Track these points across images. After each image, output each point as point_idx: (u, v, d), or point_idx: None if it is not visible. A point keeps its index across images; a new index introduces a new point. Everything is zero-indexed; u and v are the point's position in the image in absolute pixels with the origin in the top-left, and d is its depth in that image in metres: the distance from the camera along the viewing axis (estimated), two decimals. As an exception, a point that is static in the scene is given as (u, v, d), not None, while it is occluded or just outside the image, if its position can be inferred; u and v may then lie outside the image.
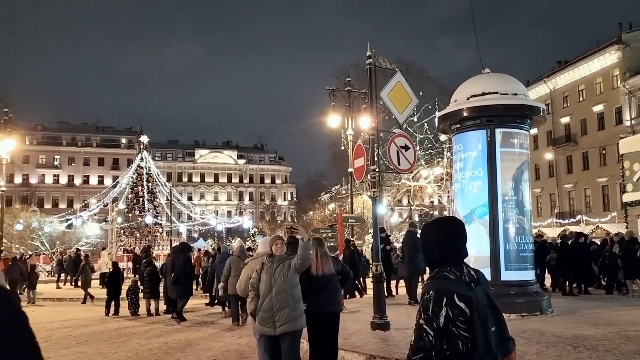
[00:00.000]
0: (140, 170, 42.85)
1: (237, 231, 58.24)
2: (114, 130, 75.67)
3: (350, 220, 13.44)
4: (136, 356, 7.92)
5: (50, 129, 71.49)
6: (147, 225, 41.40)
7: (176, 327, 11.04)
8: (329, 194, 60.31)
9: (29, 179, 67.49)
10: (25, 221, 40.01)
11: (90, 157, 72.24)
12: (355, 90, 17.81)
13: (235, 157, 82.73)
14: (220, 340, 9.22)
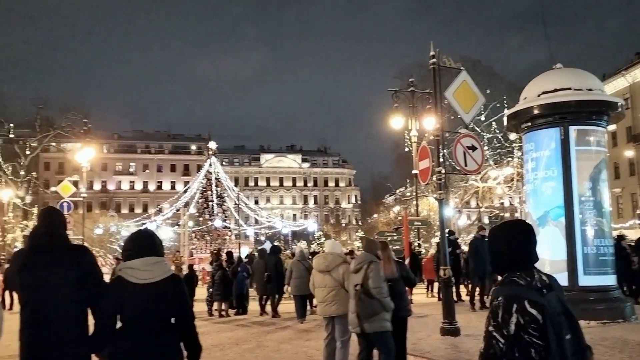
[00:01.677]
0: (209, 176, 44.37)
1: (302, 234, 58.93)
2: (185, 137, 78.72)
3: (416, 223, 13.25)
4: (209, 356, 8.16)
5: (126, 137, 75.43)
6: (217, 228, 42.78)
7: (246, 328, 11.30)
8: (394, 196, 59.77)
9: (107, 185, 71.50)
10: (104, 226, 42.49)
11: (162, 163, 75.59)
12: (419, 91, 17.56)
13: (299, 161, 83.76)
14: (290, 342, 9.34)
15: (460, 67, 8.67)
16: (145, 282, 3.06)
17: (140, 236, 3.31)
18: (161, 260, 3.24)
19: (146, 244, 3.23)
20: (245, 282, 14.61)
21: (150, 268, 3.10)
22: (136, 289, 3.05)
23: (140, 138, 76.09)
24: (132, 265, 3.13)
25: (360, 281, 5.26)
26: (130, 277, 3.08)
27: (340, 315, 6.10)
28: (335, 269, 6.14)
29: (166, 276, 3.14)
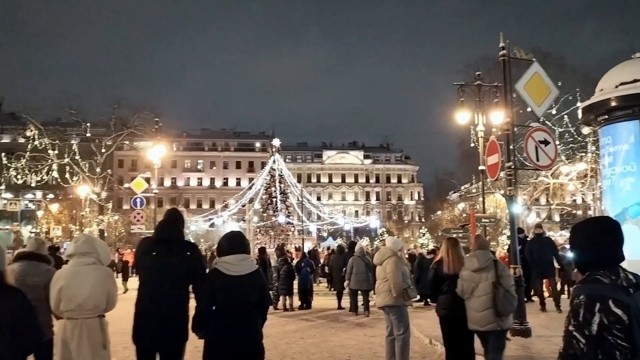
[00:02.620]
0: (273, 172, 45.15)
1: (364, 231, 58.75)
2: (249, 135, 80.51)
3: (483, 220, 12.88)
4: (275, 349, 8.34)
5: (194, 135, 78.10)
6: (280, 224, 43.50)
7: (310, 323, 11.45)
8: (458, 192, 58.38)
9: (177, 182, 74.35)
10: (174, 220, 44.14)
11: (228, 161, 77.72)
12: (486, 84, 17.04)
13: (361, 158, 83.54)
14: (354, 338, 9.38)
15: (531, 59, 8.33)
16: (236, 274, 3.82)
17: (233, 237, 4.07)
18: (248, 257, 3.99)
19: (237, 243, 4.00)
20: (309, 277, 14.79)
21: (240, 263, 3.87)
22: (228, 279, 3.81)
23: (208, 136, 78.57)
24: (227, 260, 3.87)
25: (494, 279, 5.26)
26: (224, 269, 3.85)
27: (391, 305, 6.41)
28: (385, 261, 6.51)
29: (252, 270, 3.90)
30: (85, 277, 4.11)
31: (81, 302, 4.04)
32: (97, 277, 4.16)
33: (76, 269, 4.17)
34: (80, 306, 4.04)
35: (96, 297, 4.10)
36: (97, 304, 4.11)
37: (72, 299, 4.04)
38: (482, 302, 5.25)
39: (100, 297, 4.13)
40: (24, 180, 31.63)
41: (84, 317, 4.07)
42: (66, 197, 42.15)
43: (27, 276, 4.72)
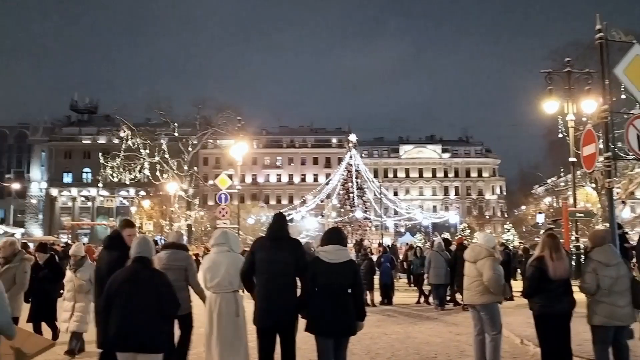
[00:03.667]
0: (349, 168, 45.28)
1: (443, 226, 57.47)
2: (326, 131, 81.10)
3: (577, 214, 12.16)
4: (359, 343, 8.36)
5: (273, 132, 79.85)
6: (358, 219, 43.56)
7: (392, 318, 11.37)
8: (544, 186, 55.58)
9: (257, 178, 76.49)
10: (255, 216, 45.58)
11: (306, 157, 78.80)
12: (577, 71, 16.12)
13: (439, 152, 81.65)
14: (439, 335, 9.20)
15: (632, 41, 7.72)
16: (333, 262, 4.68)
17: (332, 231, 5.20)
18: (345, 248, 4.85)
19: (335, 236, 4.97)
20: (390, 273, 14.69)
21: (337, 253, 4.75)
22: (326, 266, 4.67)
23: (286, 133, 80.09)
24: (325, 249, 4.79)
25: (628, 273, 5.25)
26: (324, 257, 4.73)
27: (484, 304, 6.21)
28: (479, 260, 6.26)
29: (347, 259, 4.80)
30: (221, 261, 5.37)
31: (219, 280, 5.30)
32: (230, 261, 5.37)
33: (215, 256, 5.46)
34: (219, 283, 5.30)
35: (230, 276, 5.28)
36: (231, 281, 5.30)
37: (212, 277, 5.33)
38: (625, 297, 5.11)
39: (233, 276, 5.26)
40: (119, 179, 33.77)
41: (222, 291, 5.31)
42: (157, 193, 44.57)
43: (171, 261, 5.92)
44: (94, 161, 41.73)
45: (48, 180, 73.92)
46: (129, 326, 4.11)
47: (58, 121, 78.53)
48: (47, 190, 73.49)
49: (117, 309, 4.17)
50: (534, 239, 31.24)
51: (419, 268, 14.66)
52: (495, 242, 6.99)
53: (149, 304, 4.17)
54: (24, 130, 76.14)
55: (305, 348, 5.70)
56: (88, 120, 78.65)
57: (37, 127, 75.51)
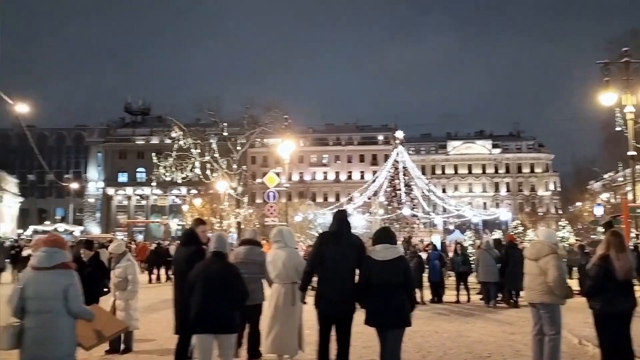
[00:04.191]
0: (396, 165, 44.90)
1: (494, 224, 56.08)
2: (372, 128, 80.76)
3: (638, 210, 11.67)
4: (410, 341, 8.35)
5: (319, 130, 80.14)
6: (405, 217, 43.16)
7: (443, 316, 11.27)
8: (601, 182, 53.35)
9: (304, 176, 77.00)
10: (302, 213, 45.96)
11: (352, 154, 78.74)
12: (635, 61, 15.44)
13: (489, 147, 79.73)
14: (492, 334, 9.04)
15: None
16: (384, 260, 5.04)
17: (382, 230, 5.62)
18: (394, 246, 5.19)
19: (384, 234, 5.36)
20: (439, 270, 14.51)
21: (386, 251, 5.10)
22: (378, 263, 5.05)
23: (332, 131, 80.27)
24: (376, 248, 5.15)
25: None
26: (374, 255, 5.11)
27: (545, 303, 6.02)
28: (542, 258, 6.04)
29: (397, 256, 5.14)
30: (279, 256, 6.08)
31: (278, 273, 6.04)
32: (286, 255, 6.08)
33: (275, 251, 6.18)
34: (278, 275, 6.04)
35: (286, 269, 5.98)
36: (288, 273, 5.97)
37: (273, 270, 6.10)
38: None
39: (289, 269, 5.97)
40: (171, 178, 34.69)
41: (282, 282, 6.03)
42: (207, 192, 45.58)
43: (248, 256, 6.59)
44: (148, 161, 43.06)
45: (104, 179, 77.04)
46: (206, 311, 4.85)
47: (113, 123, 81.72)
48: (104, 189, 76.59)
49: (197, 297, 4.91)
50: (590, 236, 30.07)
51: (461, 266, 14.47)
52: (557, 239, 6.79)
53: (223, 292, 4.90)
54: (81, 132, 79.67)
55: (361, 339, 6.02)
56: (141, 122, 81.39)
57: (94, 129, 78.87)
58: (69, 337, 4.08)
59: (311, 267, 5.58)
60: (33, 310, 3.99)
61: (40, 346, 3.95)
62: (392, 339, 5.08)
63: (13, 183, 64.30)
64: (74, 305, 4.05)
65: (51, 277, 4.04)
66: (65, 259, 4.20)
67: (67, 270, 4.17)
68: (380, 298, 4.98)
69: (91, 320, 4.32)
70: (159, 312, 11.41)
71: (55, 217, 72.88)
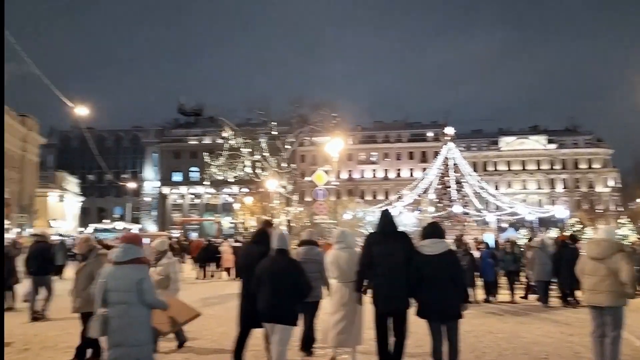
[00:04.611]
0: (446, 162, 44.18)
1: (549, 221, 54.22)
2: (421, 125, 79.74)
3: None
4: (463, 342, 8.23)
5: (368, 128, 79.86)
6: (456, 214, 42.42)
7: (498, 317, 11.05)
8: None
9: (353, 174, 76.96)
10: (351, 211, 45.96)
11: (401, 152, 78.02)
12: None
13: (543, 142, 77.07)
14: (550, 335, 8.79)
15: None
16: (432, 254, 5.25)
17: (429, 225, 5.81)
18: (442, 241, 5.40)
19: (432, 230, 5.56)
20: (492, 269, 14.21)
21: (434, 246, 5.34)
22: (427, 257, 5.27)
23: (380, 128, 79.82)
24: (424, 243, 5.37)
25: None
26: (423, 250, 5.32)
27: (611, 306, 5.78)
28: (609, 257, 5.76)
29: (444, 250, 5.34)
30: (341, 256, 6.38)
31: (340, 273, 6.33)
32: (348, 256, 6.33)
33: (337, 252, 6.48)
34: (340, 275, 6.35)
35: (349, 269, 6.17)
36: (350, 273, 6.13)
37: (334, 269, 6.41)
38: None
39: (352, 270, 6.09)
40: (223, 177, 35.46)
41: (344, 281, 6.30)
42: (258, 190, 46.31)
43: (307, 255, 6.81)
44: (200, 161, 44.23)
45: (160, 179, 79.67)
46: (271, 303, 5.26)
47: (167, 124, 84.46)
48: (159, 188, 79.21)
49: (263, 290, 5.34)
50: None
51: (511, 265, 14.08)
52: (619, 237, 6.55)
53: (286, 287, 5.29)
54: (137, 133, 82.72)
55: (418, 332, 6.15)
56: (194, 122, 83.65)
57: (149, 130, 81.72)
58: (145, 326, 4.48)
59: (362, 266, 5.80)
60: (113, 301, 4.43)
61: (120, 333, 4.37)
62: (448, 331, 5.33)
63: (74, 183, 67.41)
64: (147, 297, 4.44)
65: (126, 271, 4.45)
66: (138, 255, 4.56)
67: (141, 265, 4.55)
68: (430, 291, 5.19)
69: (165, 309, 4.72)
70: (213, 308, 11.74)
71: (114, 215, 75.96)
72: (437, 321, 5.33)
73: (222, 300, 13.25)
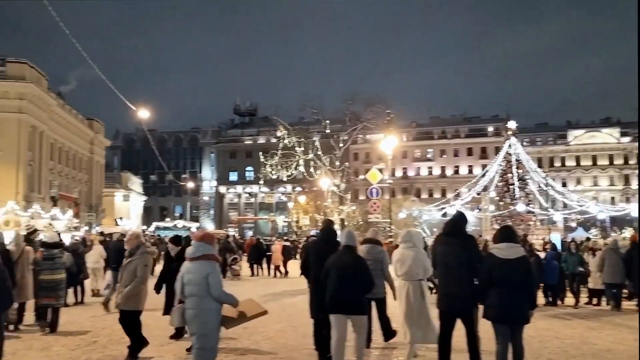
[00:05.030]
0: (508, 158, 42.33)
1: (624, 220, 50.89)
2: (480, 119, 77.24)
3: None
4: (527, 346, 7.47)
5: (423, 124, 78.17)
6: (519, 213, 40.52)
7: (565, 321, 10.12)
8: None
9: (407, 172, 75.60)
10: (407, 210, 44.96)
11: (459, 148, 75.75)
12: None
13: (617, 135, 72.49)
14: (623, 342, 7.93)
15: None
16: (505, 258, 5.21)
17: (504, 229, 5.78)
18: (517, 245, 5.34)
19: (507, 234, 5.50)
20: (555, 272, 13.12)
21: (508, 250, 5.26)
22: (500, 261, 5.22)
23: (437, 124, 77.90)
24: (499, 246, 5.32)
25: None
26: (497, 254, 5.29)
27: None
28: None
29: (519, 255, 5.26)
30: (408, 255, 6.58)
31: (407, 270, 6.51)
32: (414, 255, 6.57)
33: (403, 250, 6.68)
34: (406, 273, 6.52)
35: (415, 267, 6.49)
36: (416, 271, 6.50)
37: (401, 268, 6.58)
38: None
39: (418, 267, 6.50)
40: (277, 176, 35.58)
41: (410, 279, 6.51)
42: (311, 189, 46.28)
43: (370, 254, 7.00)
44: (255, 160, 44.65)
45: (217, 178, 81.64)
46: (340, 295, 5.70)
47: (223, 124, 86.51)
48: (217, 187, 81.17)
49: (332, 283, 5.75)
50: None
51: (576, 266, 12.84)
52: None
53: (353, 280, 5.71)
54: (195, 135, 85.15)
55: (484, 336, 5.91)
56: (249, 122, 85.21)
57: (206, 131, 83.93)
58: (213, 317, 4.93)
59: (432, 266, 6.16)
60: (187, 294, 4.96)
61: (192, 323, 4.94)
62: (512, 334, 5.29)
63: (138, 183, 70.07)
64: (213, 291, 4.85)
65: (197, 267, 4.93)
66: (207, 252, 5.00)
67: (209, 261, 4.98)
68: (501, 295, 5.16)
69: (235, 305, 5.03)
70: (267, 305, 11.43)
71: (175, 214, 78.40)
72: (504, 325, 5.26)
73: (275, 298, 13.30)
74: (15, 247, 8.80)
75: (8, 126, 36.01)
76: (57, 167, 45.14)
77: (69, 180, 48.24)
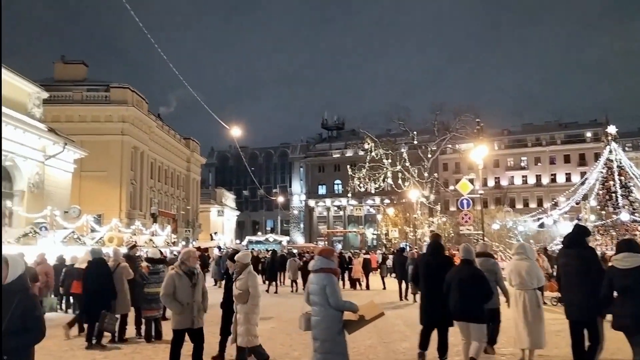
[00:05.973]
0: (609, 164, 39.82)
1: None
2: (578, 125, 73.05)
3: None
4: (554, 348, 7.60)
5: (515, 132, 75.23)
6: (624, 222, 37.93)
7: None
8: None
9: (500, 181, 72.89)
10: (500, 221, 43.51)
11: (555, 155, 71.97)
12: None
13: None
14: None
15: None
16: (624, 267, 5.31)
17: (623, 241, 5.77)
18: (636, 255, 5.33)
19: (625, 245, 5.56)
20: None
21: (627, 259, 5.35)
22: (621, 271, 5.33)
23: (530, 131, 74.60)
24: (619, 257, 5.42)
25: None
26: (617, 264, 5.39)
27: None
28: None
29: (638, 265, 5.26)
30: (522, 266, 7.12)
31: (521, 280, 7.08)
32: (529, 266, 7.13)
33: (517, 262, 7.24)
34: (520, 282, 7.09)
35: (529, 277, 7.04)
36: (530, 281, 7.06)
37: (515, 278, 7.16)
38: None
39: (532, 277, 7.06)
40: (365, 188, 35.98)
41: (524, 289, 7.09)
42: (400, 201, 46.12)
43: (483, 266, 7.32)
44: (343, 173, 45.41)
45: (306, 192, 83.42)
46: (462, 304, 6.37)
47: (312, 139, 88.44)
48: (306, 201, 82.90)
49: (453, 294, 6.44)
50: None
51: None
52: None
53: (473, 291, 6.38)
54: (285, 150, 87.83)
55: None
56: (337, 136, 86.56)
57: (296, 146, 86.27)
58: (335, 323, 5.34)
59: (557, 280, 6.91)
60: (312, 302, 5.48)
61: (316, 329, 5.40)
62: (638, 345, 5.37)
63: (231, 199, 73.27)
64: (331, 301, 5.29)
65: (317, 278, 5.44)
66: (325, 265, 5.47)
67: (327, 274, 5.42)
68: (624, 304, 5.23)
69: (355, 311, 5.40)
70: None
71: (267, 228, 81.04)
72: (633, 334, 5.25)
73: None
74: (113, 263, 9.46)
75: (112, 148, 37.87)
76: (157, 185, 47.18)
77: (168, 197, 50.44)
